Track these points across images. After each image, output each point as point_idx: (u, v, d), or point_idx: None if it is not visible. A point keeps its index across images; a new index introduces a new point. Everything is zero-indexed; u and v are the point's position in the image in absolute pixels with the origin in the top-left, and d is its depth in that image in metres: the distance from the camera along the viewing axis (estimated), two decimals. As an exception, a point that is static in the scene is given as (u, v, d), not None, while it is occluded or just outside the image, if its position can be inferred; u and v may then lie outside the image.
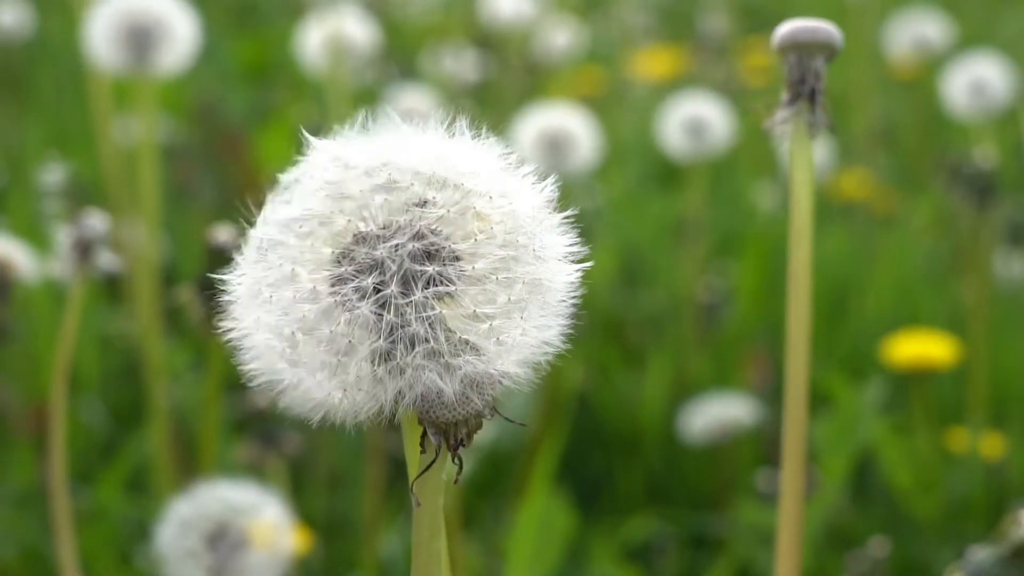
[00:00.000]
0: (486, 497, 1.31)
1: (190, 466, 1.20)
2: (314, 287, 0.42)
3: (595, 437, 1.43)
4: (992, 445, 1.30)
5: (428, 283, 0.41)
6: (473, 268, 0.41)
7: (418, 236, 0.41)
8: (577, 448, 1.37)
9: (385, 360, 0.41)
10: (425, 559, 0.43)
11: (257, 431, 1.02)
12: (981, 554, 0.53)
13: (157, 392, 1.18)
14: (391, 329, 0.41)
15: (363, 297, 0.41)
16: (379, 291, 0.41)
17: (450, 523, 1.11)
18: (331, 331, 0.41)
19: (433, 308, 0.41)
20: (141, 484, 1.25)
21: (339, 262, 0.42)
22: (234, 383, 1.36)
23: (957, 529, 1.25)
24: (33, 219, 1.51)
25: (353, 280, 0.41)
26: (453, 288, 0.41)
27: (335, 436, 1.30)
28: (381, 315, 0.41)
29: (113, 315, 1.51)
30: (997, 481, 1.28)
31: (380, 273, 0.41)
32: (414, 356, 0.40)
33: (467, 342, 0.41)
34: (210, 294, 0.89)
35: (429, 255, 0.41)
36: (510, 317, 0.41)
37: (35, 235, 1.25)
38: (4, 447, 1.31)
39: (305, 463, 1.27)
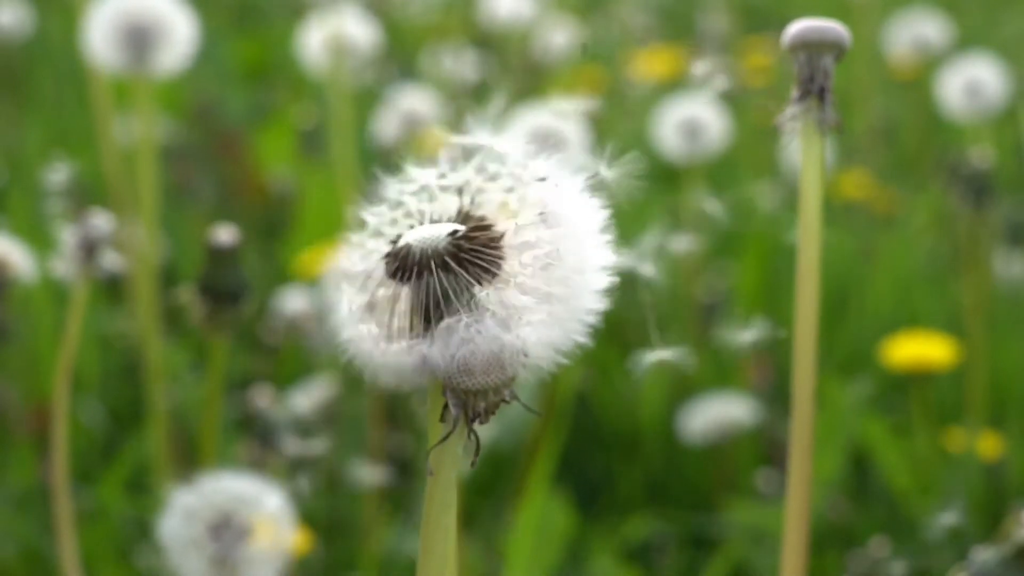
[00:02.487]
0: (486, 497, 1.31)
1: (190, 466, 1.20)
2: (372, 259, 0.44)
3: (595, 437, 1.43)
4: (991, 445, 1.30)
5: (473, 264, 0.42)
6: (517, 265, 0.43)
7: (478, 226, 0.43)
8: (577, 448, 1.37)
9: (424, 320, 0.42)
10: (433, 532, 0.43)
11: (257, 431, 1.02)
12: (985, 555, 0.54)
13: (156, 392, 1.18)
14: (434, 297, 0.42)
15: (412, 267, 0.43)
16: (426, 263, 0.42)
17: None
18: (382, 298, 0.43)
19: (473, 285, 0.42)
20: (141, 484, 1.25)
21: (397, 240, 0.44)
22: (234, 383, 1.36)
23: (956, 529, 1.25)
24: (33, 219, 1.51)
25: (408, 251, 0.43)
26: (495, 274, 0.42)
27: (335, 436, 1.30)
28: (427, 284, 0.42)
29: (113, 315, 1.51)
30: (996, 481, 1.28)
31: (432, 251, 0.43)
32: (450, 318, 0.42)
33: (501, 317, 0.42)
34: (211, 295, 0.89)
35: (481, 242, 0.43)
36: (542, 307, 0.42)
37: (35, 235, 1.26)
38: (4, 447, 1.31)
39: (305, 463, 1.27)
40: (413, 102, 1.73)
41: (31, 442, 1.28)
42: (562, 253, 0.43)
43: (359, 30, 1.70)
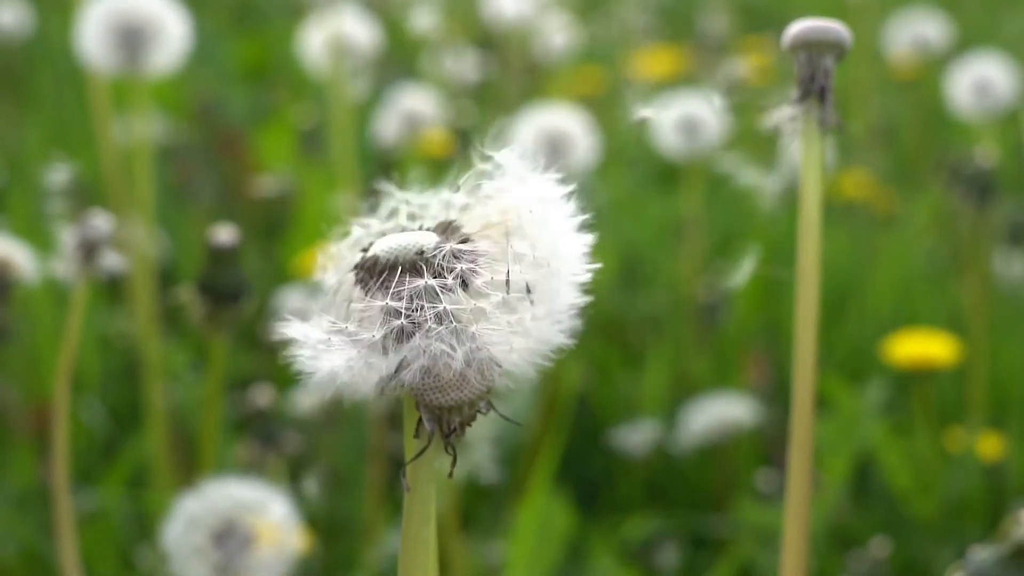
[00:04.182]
0: (486, 497, 1.31)
1: (190, 466, 1.20)
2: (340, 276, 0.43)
3: (595, 437, 1.43)
4: (991, 445, 1.30)
5: (443, 274, 0.42)
6: (488, 273, 0.42)
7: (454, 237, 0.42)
8: (577, 448, 1.37)
9: (391, 334, 0.41)
10: (413, 546, 0.43)
11: (257, 431, 1.02)
12: (982, 554, 0.53)
13: (154, 393, 1.18)
14: (403, 309, 0.41)
15: (378, 280, 0.42)
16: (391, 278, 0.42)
17: (450, 523, 1.11)
18: (347, 311, 0.42)
19: (444, 296, 0.41)
20: (141, 484, 1.25)
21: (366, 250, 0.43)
22: (234, 383, 1.36)
23: (957, 529, 1.25)
24: (33, 219, 1.51)
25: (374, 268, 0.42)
26: (467, 284, 0.42)
27: (335, 436, 1.30)
28: (396, 295, 0.41)
29: (113, 315, 1.51)
30: (997, 481, 1.28)
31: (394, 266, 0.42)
32: (418, 333, 0.41)
33: (468, 330, 0.41)
34: (211, 294, 0.89)
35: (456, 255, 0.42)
36: (514, 314, 0.41)
37: (35, 235, 1.26)
38: (4, 447, 1.31)
39: (305, 463, 1.27)
40: (413, 102, 1.73)
41: (31, 442, 1.28)
42: (537, 262, 0.42)
43: (359, 30, 1.70)
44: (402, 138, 1.70)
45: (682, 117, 1.62)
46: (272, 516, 0.84)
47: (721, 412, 1.34)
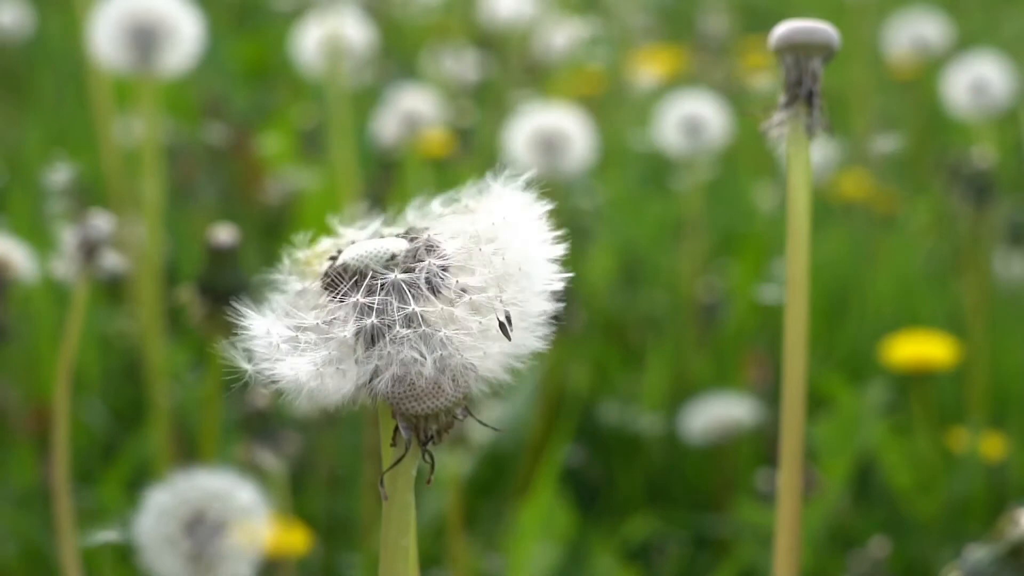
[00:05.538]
0: (487, 497, 1.32)
1: (191, 465, 1.20)
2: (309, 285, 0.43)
3: (595, 437, 1.43)
4: (992, 445, 1.30)
5: (413, 281, 0.41)
6: (459, 279, 0.42)
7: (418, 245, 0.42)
8: (577, 448, 1.37)
9: (362, 341, 0.41)
10: (392, 555, 0.43)
11: (257, 431, 1.02)
12: (978, 553, 0.54)
13: (157, 392, 1.18)
14: (373, 316, 0.41)
15: (350, 287, 0.42)
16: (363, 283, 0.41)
17: (451, 523, 1.11)
18: (316, 317, 0.42)
19: (415, 303, 0.41)
20: (142, 484, 1.25)
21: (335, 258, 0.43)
22: (234, 383, 1.36)
23: (957, 529, 1.25)
24: (34, 219, 1.51)
25: (344, 277, 0.42)
26: (438, 291, 0.41)
27: (335, 436, 1.30)
28: (366, 302, 0.41)
29: (114, 315, 1.51)
30: (997, 481, 1.28)
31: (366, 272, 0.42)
32: (389, 339, 0.41)
33: (437, 335, 0.41)
34: (211, 295, 0.89)
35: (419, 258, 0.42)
36: (489, 322, 0.41)
37: (36, 235, 1.26)
38: (4, 447, 1.31)
39: (305, 463, 1.27)
40: (413, 102, 1.73)
41: (31, 442, 1.28)
42: (508, 268, 0.41)
43: (355, 31, 1.69)
44: (402, 138, 1.70)
45: (683, 117, 1.63)
46: (240, 503, 0.85)
47: (721, 412, 1.34)
